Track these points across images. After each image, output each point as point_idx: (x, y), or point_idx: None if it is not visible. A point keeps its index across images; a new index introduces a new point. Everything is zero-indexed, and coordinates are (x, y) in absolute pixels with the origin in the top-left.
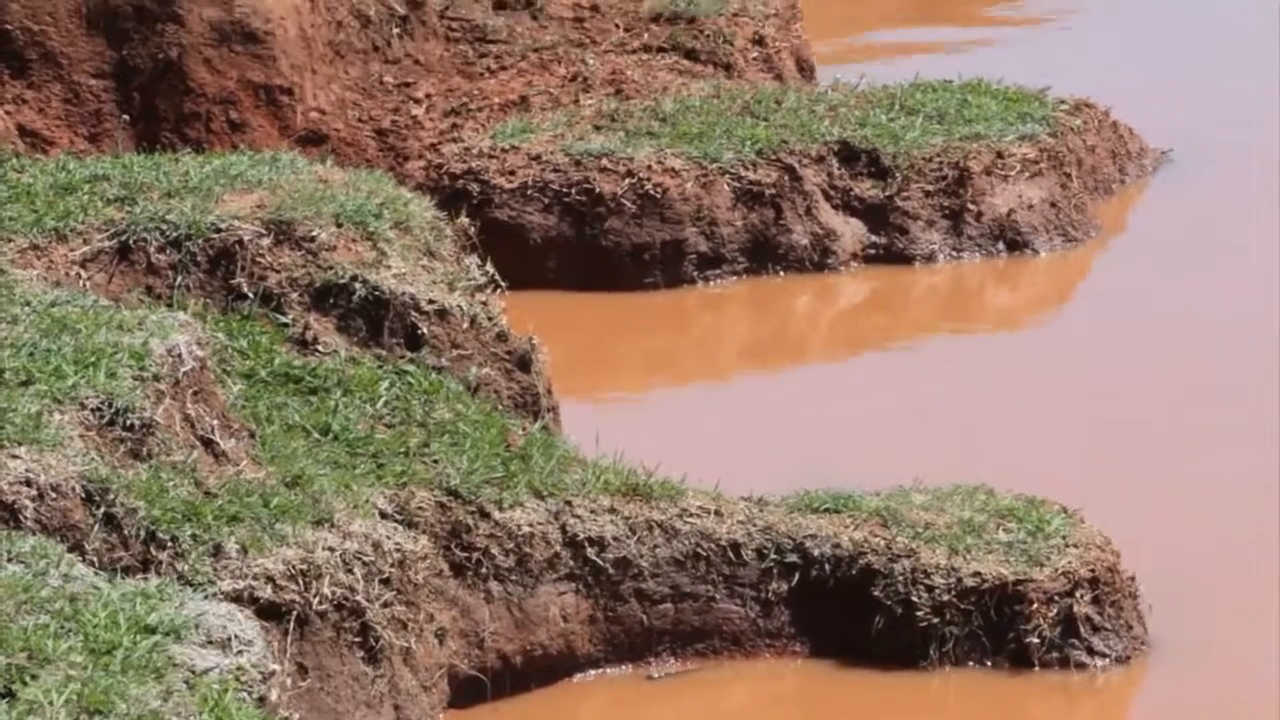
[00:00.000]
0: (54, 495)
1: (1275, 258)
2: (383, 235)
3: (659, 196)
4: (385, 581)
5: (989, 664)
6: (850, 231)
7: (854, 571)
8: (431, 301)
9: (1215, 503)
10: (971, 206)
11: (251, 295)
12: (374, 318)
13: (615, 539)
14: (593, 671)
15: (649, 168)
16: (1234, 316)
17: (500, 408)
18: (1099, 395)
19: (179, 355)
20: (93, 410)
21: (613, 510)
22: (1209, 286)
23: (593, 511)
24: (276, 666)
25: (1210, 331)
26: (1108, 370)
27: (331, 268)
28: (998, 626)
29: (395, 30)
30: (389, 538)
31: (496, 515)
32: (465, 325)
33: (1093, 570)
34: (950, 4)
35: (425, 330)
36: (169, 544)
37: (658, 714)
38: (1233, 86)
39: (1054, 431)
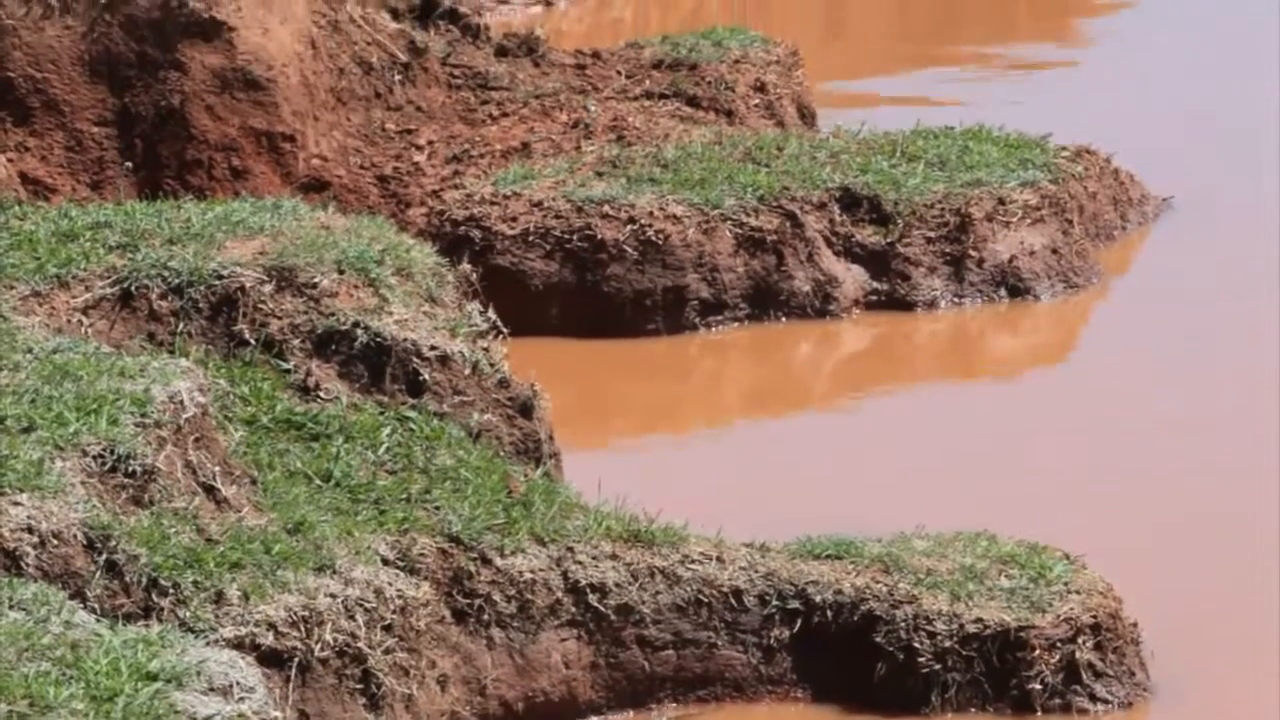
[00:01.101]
0: (55, 542)
1: (1276, 305)
2: (384, 282)
3: (661, 243)
4: (387, 628)
5: (991, 710)
6: (852, 278)
7: (856, 618)
8: (433, 348)
9: (1218, 549)
10: (973, 253)
11: (253, 342)
12: (376, 364)
13: (617, 585)
14: (595, 718)
15: (651, 214)
16: (1235, 363)
17: (502, 454)
18: (1100, 441)
19: (181, 402)
20: (94, 457)
21: (614, 556)
22: (1211, 333)
23: (594, 558)
24: (278, 714)
25: (1212, 378)
26: (1109, 417)
27: (333, 314)
28: (1000, 673)
29: (397, 77)
30: (391, 584)
31: (498, 562)
32: (467, 371)
33: (1095, 616)
34: (951, 50)
35: (427, 377)
36: (171, 591)
37: None
38: (1235, 134)
39: (1056, 477)
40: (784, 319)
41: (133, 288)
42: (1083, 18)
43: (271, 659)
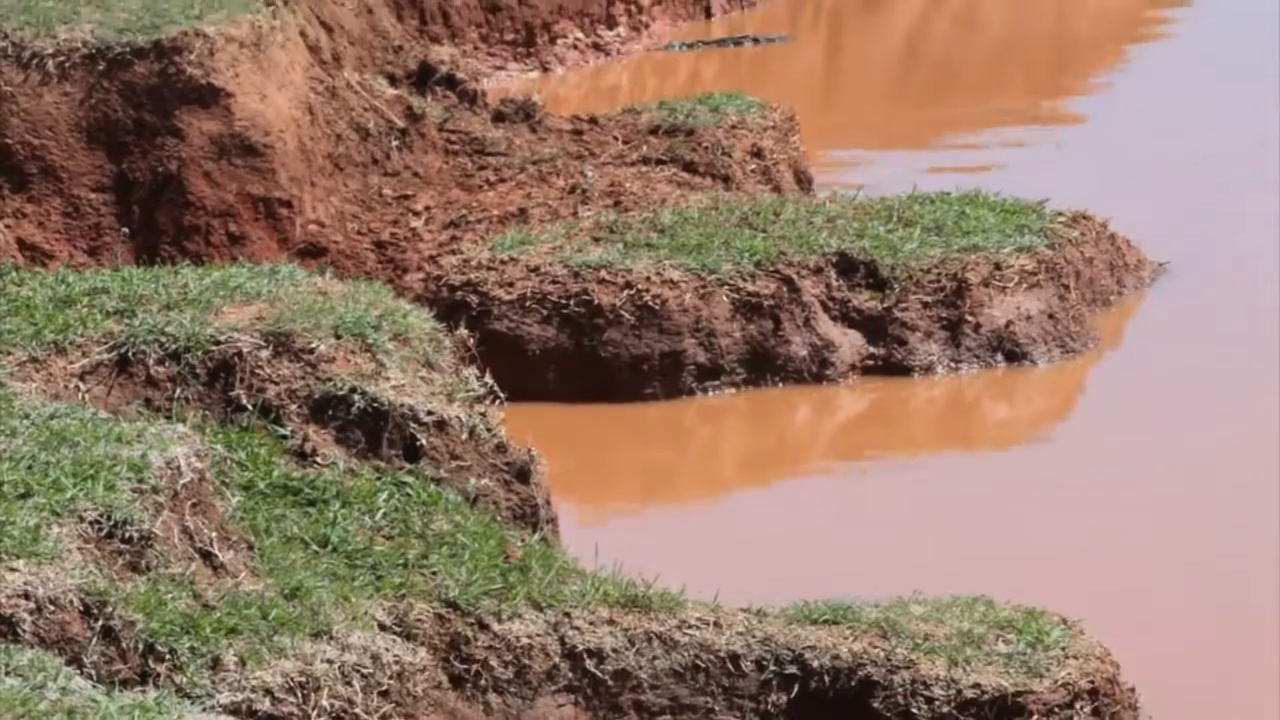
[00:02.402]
0: (52, 608)
1: (1273, 371)
2: (381, 347)
3: (657, 308)
4: (384, 694)
5: None
6: (849, 343)
7: (853, 683)
8: (430, 413)
9: (1214, 614)
10: (970, 318)
11: (250, 407)
12: (373, 429)
13: (614, 650)
14: None
15: (647, 279)
16: (1232, 430)
17: (499, 519)
18: (1097, 506)
19: (178, 467)
20: (91, 523)
21: (611, 622)
22: (1207, 399)
23: (591, 623)
24: None
25: (1208, 444)
26: (1106, 482)
27: (330, 379)
28: None
29: (394, 143)
30: (388, 650)
31: (495, 627)
32: (464, 437)
33: (1092, 682)
34: (947, 116)
35: (424, 442)
36: (167, 656)
37: None
38: (1231, 199)
39: (1053, 542)
40: (781, 384)
41: (130, 353)
42: (1078, 84)
43: None
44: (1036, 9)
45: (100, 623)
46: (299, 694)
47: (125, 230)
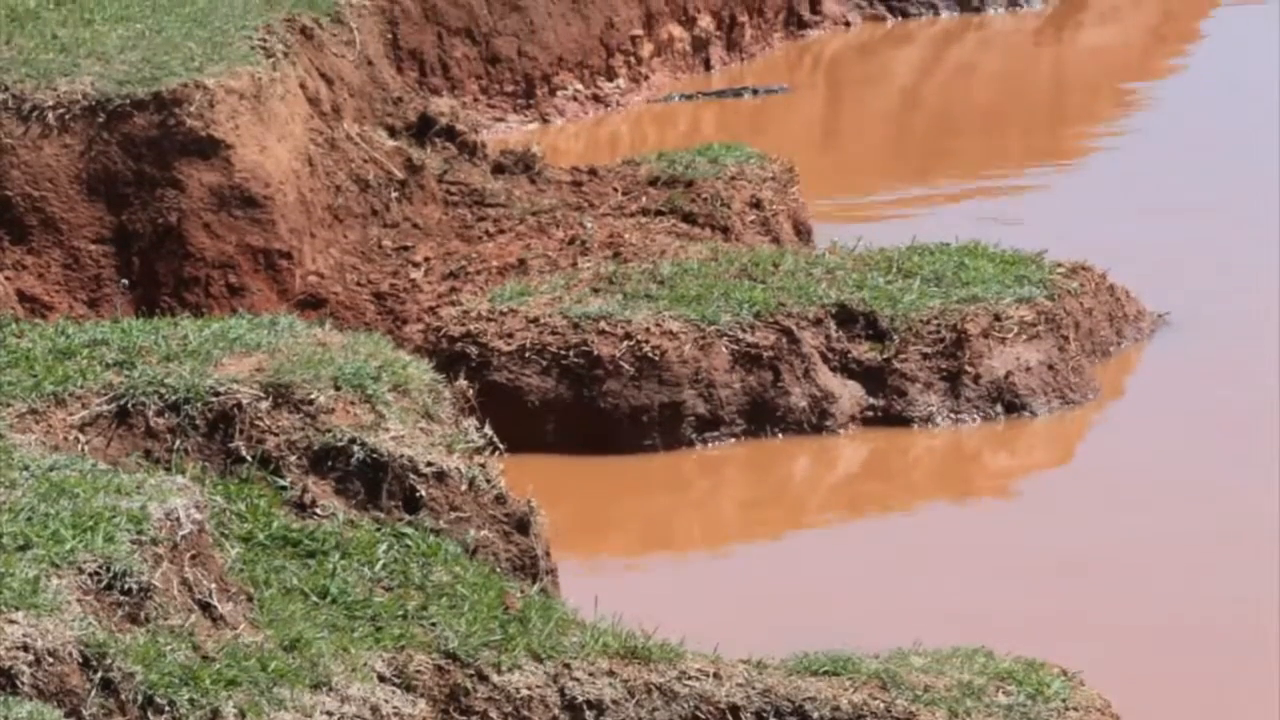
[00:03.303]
0: (51, 660)
1: (1273, 423)
2: (381, 398)
3: (657, 359)
4: None
5: None
6: (848, 394)
7: None
8: (430, 464)
9: (1216, 666)
10: (969, 369)
11: (250, 458)
12: (372, 480)
13: (614, 702)
14: None
15: (647, 330)
16: (1232, 480)
17: (498, 570)
18: (1097, 558)
19: (177, 519)
20: (90, 574)
21: (611, 673)
22: (1207, 451)
23: (591, 674)
24: None
25: (1209, 495)
26: (1106, 534)
27: (330, 430)
28: None
29: (394, 194)
30: (387, 701)
31: (495, 678)
32: (463, 488)
33: None
34: (946, 166)
35: (423, 493)
36: (166, 709)
37: None
38: (1231, 251)
39: (1053, 594)
40: (780, 435)
41: (130, 405)
42: (1076, 135)
43: None
44: (1034, 59)
45: (99, 675)
46: None
47: (125, 282)
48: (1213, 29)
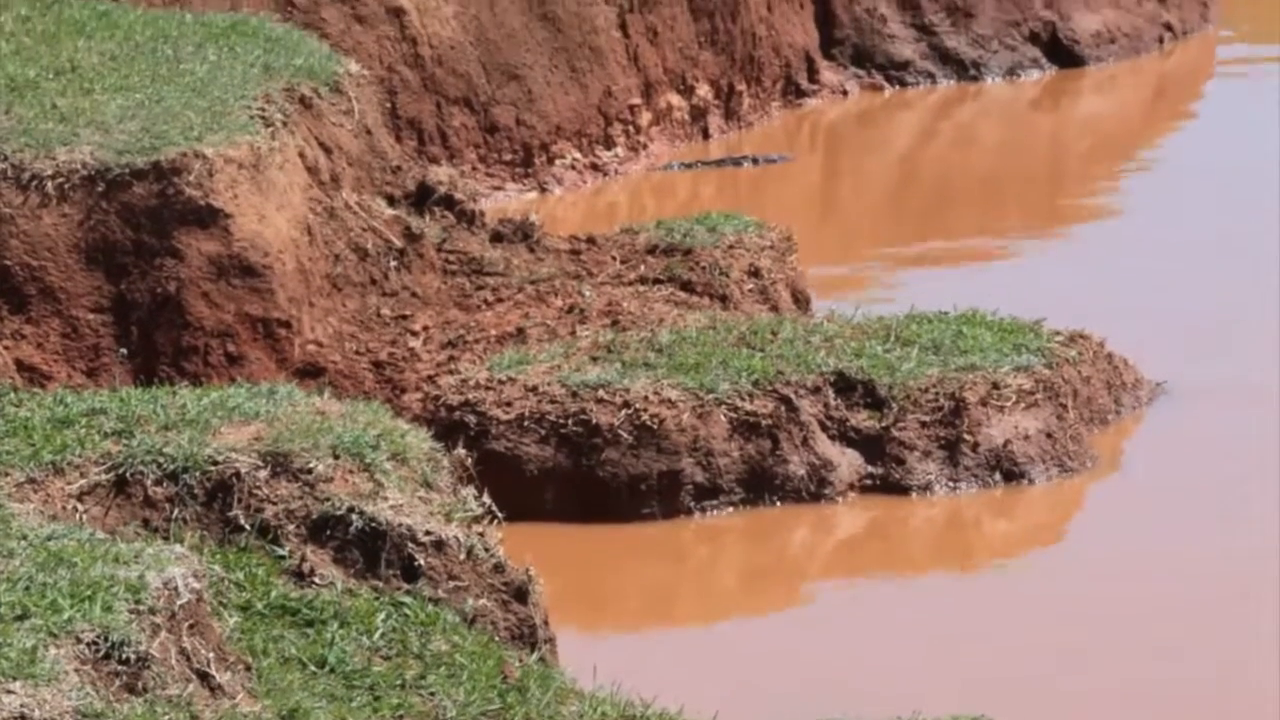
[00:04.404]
0: None
1: (1272, 492)
2: (380, 467)
3: (655, 427)
4: None
5: None
6: (847, 462)
7: None
8: (428, 533)
9: None
10: (968, 437)
11: (248, 527)
12: (371, 549)
13: None
14: None
15: (645, 398)
16: (1230, 549)
17: (497, 639)
18: (1096, 627)
19: (175, 588)
20: (88, 644)
21: None
22: (1204, 519)
23: None
24: None
25: (1207, 564)
26: (1105, 602)
27: (328, 499)
28: None
29: (393, 263)
30: None
31: None
32: (462, 557)
33: None
34: (944, 234)
35: (422, 562)
36: None
37: None
38: (1229, 319)
39: (1051, 662)
40: (779, 503)
41: (128, 474)
42: (1074, 203)
43: None
44: (1033, 128)
45: None
46: None
47: (124, 351)
48: (1208, 98)
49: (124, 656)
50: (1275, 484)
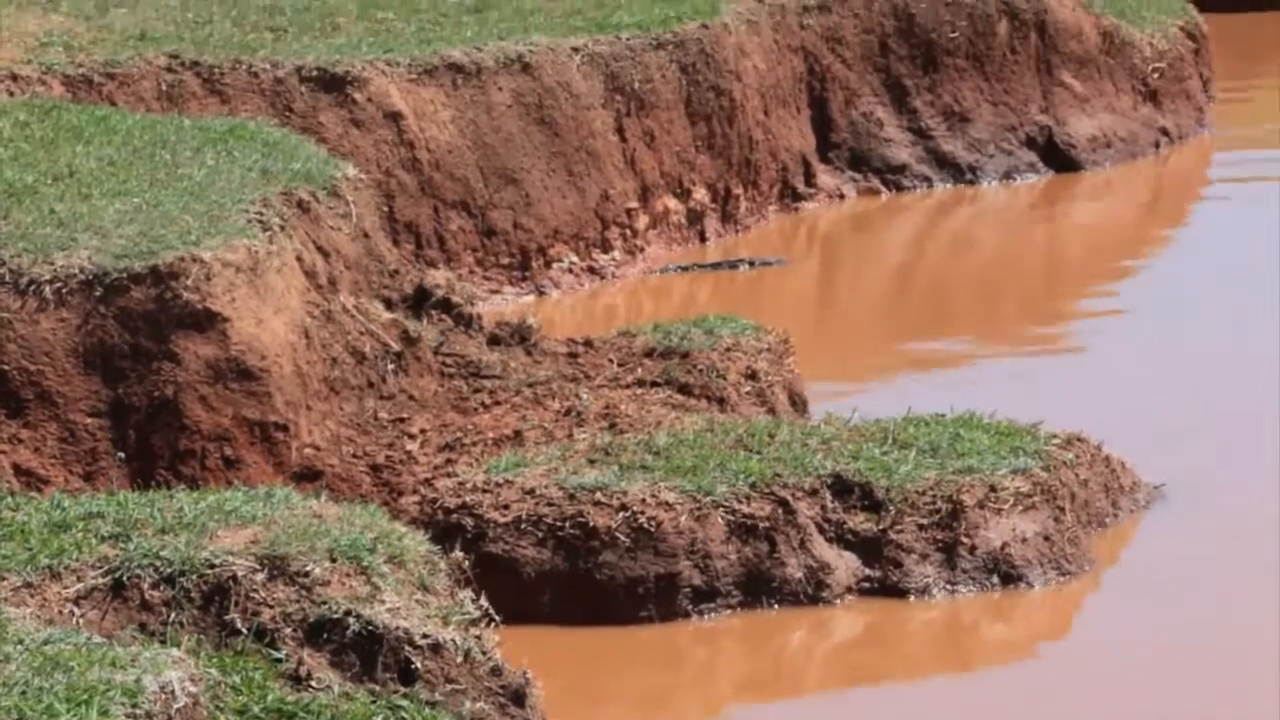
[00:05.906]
0: None
1: (1271, 596)
2: (377, 570)
3: (653, 530)
4: None
5: None
6: (844, 565)
7: None
8: (425, 636)
9: None
10: (965, 540)
11: (245, 631)
12: (368, 653)
13: None
14: None
15: (643, 501)
16: (1231, 652)
17: None
18: None
19: (172, 692)
20: None
21: None
22: (1203, 624)
23: None
24: None
25: (1206, 669)
26: (1103, 706)
27: (325, 603)
28: None
29: (390, 366)
30: None
31: None
32: (459, 660)
33: None
34: (941, 337)
35: (419, 665)
36: None
37: None
38: (1227, 422)
39: None
40: (776, 606)
41: (125, 578)
42: (1071, 308)
43: None
44: (1029, 234)
45: None
46: None
47: (121, 455)
48: (1205, 205)
49: None
50: (1273, 588)
